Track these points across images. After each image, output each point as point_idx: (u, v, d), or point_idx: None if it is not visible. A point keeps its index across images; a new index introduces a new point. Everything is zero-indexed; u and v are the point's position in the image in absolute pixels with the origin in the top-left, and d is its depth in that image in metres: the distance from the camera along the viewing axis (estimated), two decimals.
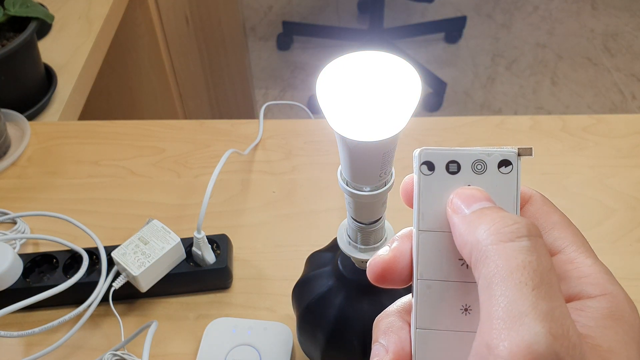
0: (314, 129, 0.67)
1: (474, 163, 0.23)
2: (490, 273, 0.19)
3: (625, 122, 0.66)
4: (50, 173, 0.63)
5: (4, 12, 0.67)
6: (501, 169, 0.23)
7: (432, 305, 0.23)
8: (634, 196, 0.58)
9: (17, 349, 0.49)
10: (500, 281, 0.19)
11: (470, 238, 0.21)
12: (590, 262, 0.22)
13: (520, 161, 0.23)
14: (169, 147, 0.65)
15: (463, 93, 2.01)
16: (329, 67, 0.26)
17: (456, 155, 0.23)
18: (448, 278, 0.23)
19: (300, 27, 2.25)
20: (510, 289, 0.18)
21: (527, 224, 0.20)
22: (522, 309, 0.18)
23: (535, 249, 0.19)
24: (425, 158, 0.24)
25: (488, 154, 0.23)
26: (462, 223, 0.22)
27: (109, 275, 0.49)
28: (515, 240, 0.20)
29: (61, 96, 0.74)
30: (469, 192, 0.23)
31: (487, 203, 0.22)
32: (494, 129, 0.66)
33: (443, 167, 0.24)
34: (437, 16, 2.30)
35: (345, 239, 0.35)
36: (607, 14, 2.30)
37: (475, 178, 0.23)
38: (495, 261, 0.19)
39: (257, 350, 0.46)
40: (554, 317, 0.18)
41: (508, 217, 0.21)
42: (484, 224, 0.21)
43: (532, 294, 0.18)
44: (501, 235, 0.20)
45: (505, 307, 0.18)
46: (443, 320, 0.23)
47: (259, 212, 0.58)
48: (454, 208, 0.22)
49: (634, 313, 0.21)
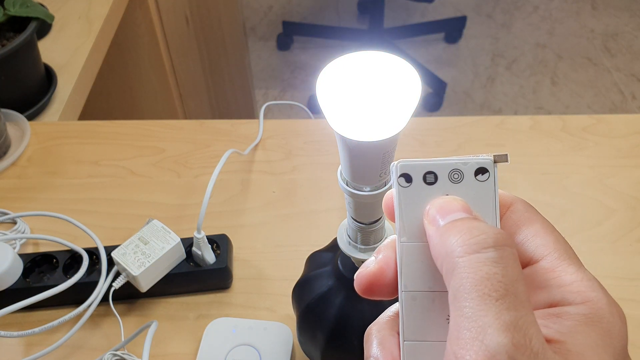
0: (314, 129, 0.67)
1: (451, 172, 0.23)
2: (457, 285, 0.20)
3: (625, 122, 0.66)
4: (50, 173, 0.63)
5: (4, 12, 0.67)
6: (478, 177, 0.23)
7: (419, 316, 0.23)
8: (634, 196, 0.58)
9: (17, 349, 0.49)
10: (466, 293, 0.19)
11: (442, 250, 0.21)
12: (572, 270, 0.22)
13: (497, 168, 0.23)
14: (169, 147, 0.65)
15: (463, 93, 2.01)
16: (329, 67, 0.26)
17: (432, 166, 0.23)
18: (432, 288, 0.23)
19: (300, 27, 2.25)
20: (475, 300, 0.19)
21: (495, 234, 0.20)
22: (486, 320, 0.18)
23: (501, 259, 0.20)
24: (402, 170, 0.24)
25: (464, 163, 0.23)
26: (435, 235, 0.22)
27: (109, 275, 0.49)
28: (481, 251, 0.20)
29: (61, 96, 0.74)
30: (444, 203, 0.23)
31: (461, 214, 0.22)
32: (494, 129, 0.66)
33: (420, 179, 0.23)
34: (437, 16, 2.30)
35: (345, 239, 0.35)
36: (607, 14, 2.30)
37: (452, 187, 0.23)
38: (461, 273, 0.20)
39: (257, 350, 0.46)
40: (517, 327, 0.18)
41: (476, 228, 0.21)
42: (453, 236, 0.21)
43: (495, 305, 0.19)
44: (467, 247, 0.20)
45: (470, 317, 0.19)
46: (430, 331, 0.23)
47: (259, 212, 0.58)
48: (429, 219, 0.23)
49: (615, 319, 0.20)
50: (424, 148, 0.64)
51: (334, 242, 0.42)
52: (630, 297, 0.51)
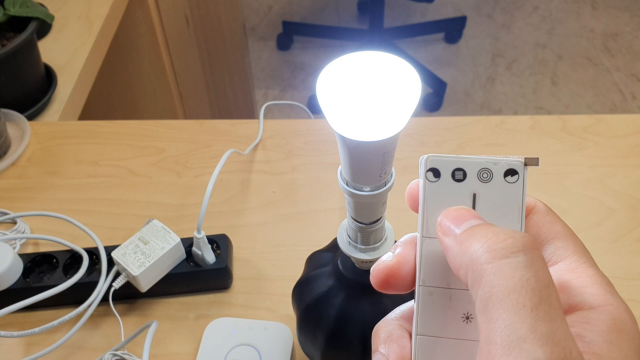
0: (314, 129, 0.67)
1: (480, 171, 0.23)
2: (486, 294, 0.19)
3: (625, 122, 0.66)
4: (50, 173, 0.63)
5: (4, 12, 0.67)
6: (507, 178, 0.23)
7: (434, 312, 0.23)
8: (634, 196, 0.58)
9: (17, 349, 0.49)
10: (497, 303, 0.18)
11: (464, 258, 0.20)
12: (591, 273, 0.22)
13: (527, 171, 0.23)
14: (169, 147, 0.65)
15: (463, 93, 2.01)
16: (329, 67, 0.26)
17: (462, 163, 0.23)
18: (450, 285, 0.23)
19: (300, 27, 2.25)
20: (508, 312, 0.18)
21: (522, 238, 0.19)
22: (521, 333, 0.17)
23: (532, 263, 0.19)
24: (431, 165, 0.23)
25: (494, 163, 0.23)
26: (454, 244, 0.21)
27: (109, 275, 0.49)
28: (511, 256, 0.19)
29: (61, 96, 0.74)
30: (456, 213, 0.22)
31: (476, 220, 0.21)
32: (494, 129, 0.66)
33: (449, 175, 0.23)
34: (437, 16, 2.30)
35: (345, 239, 0.35)
36: (607, 14, 2.30)
37: (480, 186, 0.23)
38: (491, 281, 0.19)
39: (257, 350, 0.46)
40: (555, 340, 0.17)
41: (501, 232, 0.20)
42: (476, 242, 0.20)
43: (530, 316, 0.18)
44: (495, 252, 0.19)
45: (503, 331, 0.18)
46: (444, 327, 0.23)
47: (259, 212, 0.58)
48: (443, 230, 0.22)
49: (635, 325, 0.20)
50: (424, 148, 0.64)
51: (334, 242, 0.42)
52: (631, 297, 0.51)
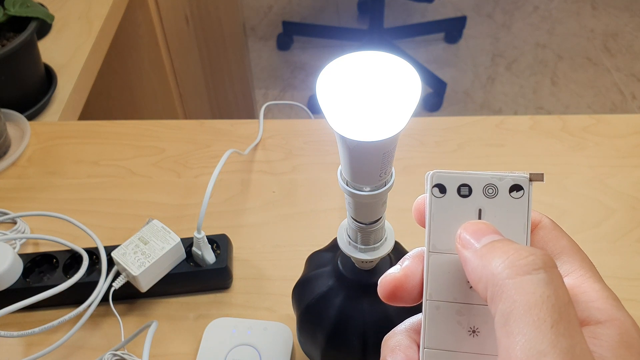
0: (314, 129, 0.67)
1: (486, 187, 0.24)
2: (507, 309, 0.19)
3: (625, 122, 0.66)
4: (50, 173, 0.63)
5: (4, 12, 0.67)
6: (512, 194, 0.23)
7: (440, 325, 0.24)
8: (634, 196, 0.58)
9: (17, 349, 0.49)
10: (518, 318, 0.18)
11: (485, 272, 0.20)
12: (598, 287, 0.22)
13: (532, 186, 0.23)
14: (169, 147, 0.65)
15: (463, 93, 2.01)
16: (329, 67, 0.26)
17: (468, 179, 0.24)
18: (456, 300, 0.24)
19: (300, 27, 2.25)
20: (529, 327, 0.18)
21: (543, 256, 0.20)
22: (541, 348, 0.18)
23: (552, 281, 0.19)
24: (437, 181, 0.24)
25: (500, 179, 0.23)
26: (474, 257, 0.21)
27: (109, 275, 0.49)
28: (532, 272, 0.19)
29: (61, 96, 0.74)
30: (476, 226, 0.22)
31: (496, 236, 0.22)
32: (494, 129, 0.66)
33: (454, 190, 0.24)
34: (437, 16, 2.30)
35: (345, 239, 0.35)
36: (607, 14, 2.30)
37: (486, 202, 0.23)
38: (512, 296, 0.19)
39: (257, 350, 0.46)
40: (575, 355, 0.18)
41: (522, 249, 0.20)
42: (497, 257, 0.20)
43: (551, 332, 0.18)
44: (517, 268, 0.19)
45: (524, 345, 0.18)
46: (451, 341, 0.23)
47: (259, 212, 0.58)
48: (463, 243, 0.22)
49: None
50: (424, 148, 0.64)
51: (334, 242, 0.42)
52: (631, 297, 0.51)
